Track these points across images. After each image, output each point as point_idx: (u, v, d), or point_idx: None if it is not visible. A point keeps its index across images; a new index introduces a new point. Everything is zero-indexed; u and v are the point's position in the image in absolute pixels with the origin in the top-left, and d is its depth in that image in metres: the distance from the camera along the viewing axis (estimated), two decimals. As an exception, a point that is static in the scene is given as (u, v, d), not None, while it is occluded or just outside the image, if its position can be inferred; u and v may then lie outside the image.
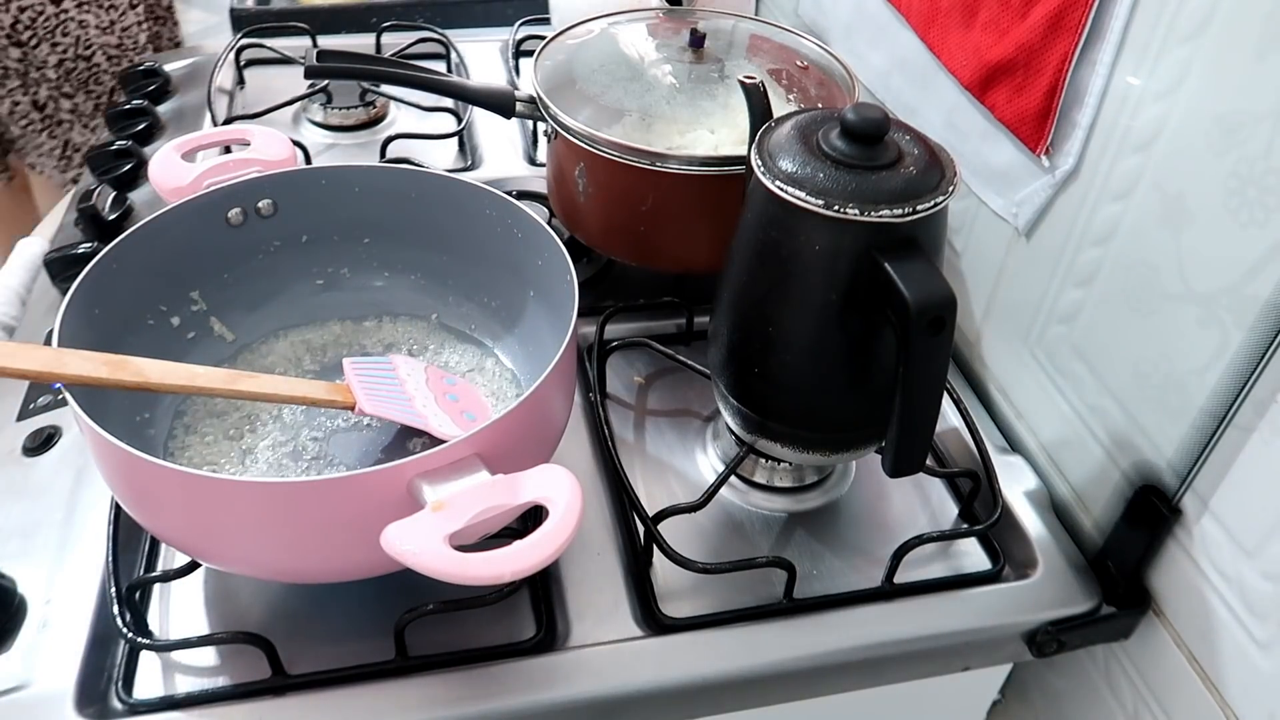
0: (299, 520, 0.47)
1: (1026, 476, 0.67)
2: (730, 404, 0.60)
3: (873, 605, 0.59)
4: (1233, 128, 0.48)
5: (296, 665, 0.53)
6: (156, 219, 0.61)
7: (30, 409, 0.68)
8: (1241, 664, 0.52)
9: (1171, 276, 0.53)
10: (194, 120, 1.00)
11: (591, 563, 0.60)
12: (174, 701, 0.52)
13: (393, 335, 0.71)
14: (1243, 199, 0.48)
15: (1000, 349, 0.71)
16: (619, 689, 0.54)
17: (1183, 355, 0.53)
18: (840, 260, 0.50)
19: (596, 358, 0.72)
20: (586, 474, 0.65)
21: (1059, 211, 0.62)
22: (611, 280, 0.82)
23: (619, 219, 0.74)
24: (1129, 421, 0.58)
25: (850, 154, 0.50)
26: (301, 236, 0.69)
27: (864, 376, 0.55)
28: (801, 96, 0.75)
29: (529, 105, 0.76)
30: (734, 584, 0.59)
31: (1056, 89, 0.59)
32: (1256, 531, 0.50)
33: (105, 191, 0.83)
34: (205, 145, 0.70)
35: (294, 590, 0.58)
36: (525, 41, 1.15)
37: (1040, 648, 0.59)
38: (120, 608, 0.53)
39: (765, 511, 0.65)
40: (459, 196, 0.66)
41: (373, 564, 0.50)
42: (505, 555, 0.42)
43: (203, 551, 0.52)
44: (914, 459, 0.53)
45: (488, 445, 0.48)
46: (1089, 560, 0.62)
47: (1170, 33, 0.52)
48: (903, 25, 0.77)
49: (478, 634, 0.56)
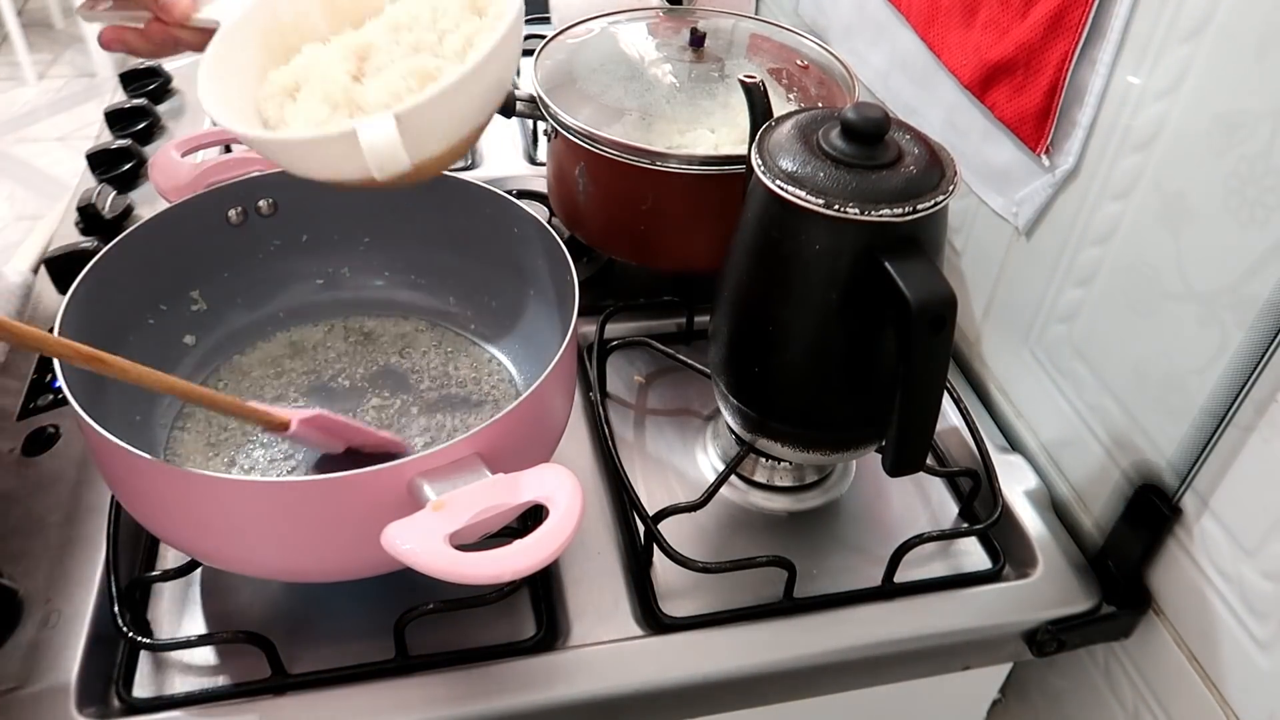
0: (299, 520, 0.47)
1: (1026, 476, 0.67)
2: (730, 403, 0.60)
3: (873, 605, 0.59)
4: (1233, 127, 0.48)
5: (296, 665, 0.53)
6: (157, 218, 0.61)
7: (30, 409, 0.68)
8: (1241, 663, 0.52)
9: (1171, 276, 0.53)
10: (194, 119, 1.00)
11: (591, 562, 0.60)
12: (174, 701, 0.52)
13: (393, 335, 0.71)
14: (1243, 198, 0.48)
15: (1000, 348, 0.71)
16: (619, 688, 0.54)
17: (1183, 355, 0.53)
18: (840, 259, 0.50)
19: (596, 357, 0.72)
20: (587, 473, 0.65)
21: (1059, 211, 0.62)
22: (611, 279, 0.81)
23: (619, 218, 0.74)
24: (1129, 421, 0.58)
25: (850, 153, 0.50)
26: (301, 236, 0.69)
27: (864, 376, 0.55)
28: (801, 96, 0.75)
29: (529, 104, 0.76)
30: (734, 583, 0.59)
31: (1057, 88, 0.59)
32: (1256, 531, 0.50)
33: (105, 191, 0.83)
34: (205, 144, 0.70)
35: (294, 590, 0.58)
36: (525, 41, 1.14)
37: (1040, 647, 0.59)
38: (120, 607, 0.53)
39: (765, 511, 0.65)
40: (459, 196, 0.66)
41: (373, 563, 0.50)
42: (505, 555, 0.42)
43: (203, 551, 0.52)
44: (914, 458, 0.53)
45: (488, 444, 0.48)
46: (1089, 560, 0.62)
47: (1170, 32, 0.52)
48: (903, 24, 0.77)
49: (478, 633, 0.56)
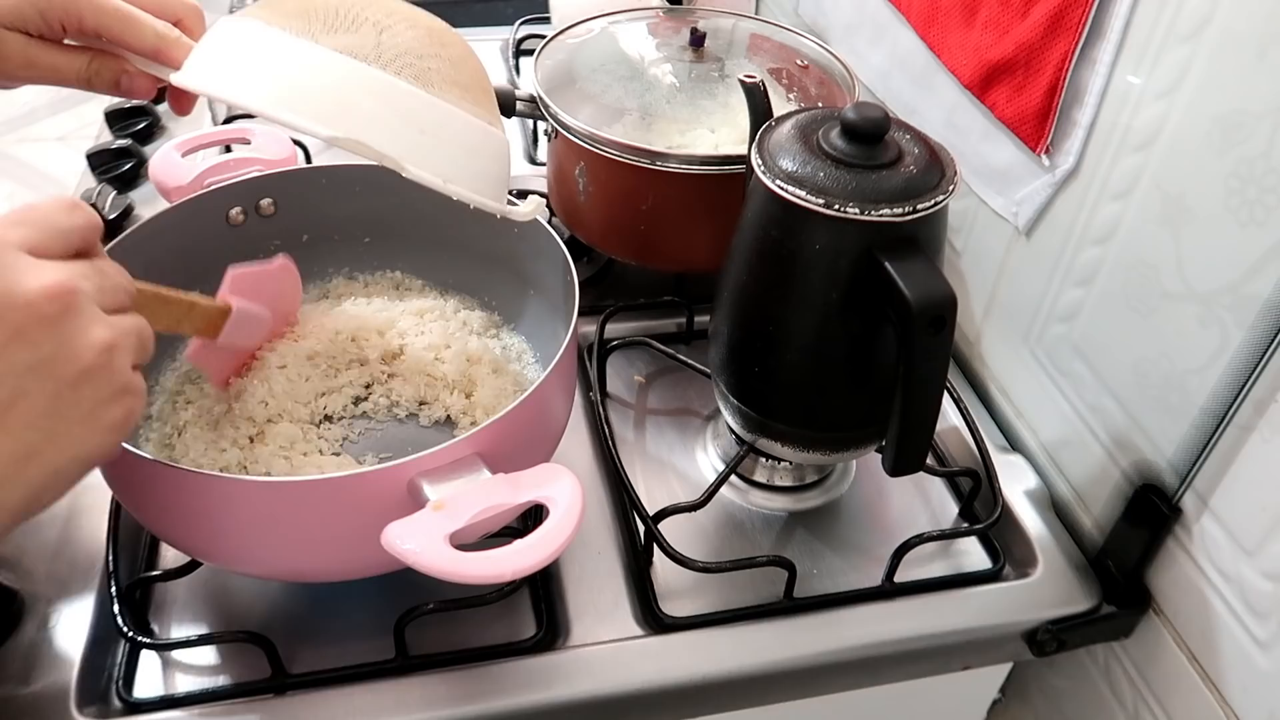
0: (299, 519, 0.47)
1: (1027, 476, 0.67)
2: (730, 403, 0.60)
3: (873, 604, 0.59)
4: (1233, 127, 0.48)
5: (297, 664, 0.53)
6: (157, 218, 0.61)
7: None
8: (1241, 663, 0.52)
9: (1171, 276, 0.53)
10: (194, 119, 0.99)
11: (591, 562, 0.60)
12: (174, 700, 0.52)
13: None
14: (1243, 198, 0.48)
15: (1000, 348, 0.71)
16: (619, 688, 0.54)
17: (1183, 354, 0.53)
18: (840, 259, 0.50)
19: (597, 357, 0.72)
20: (587, 473, 0.65)
21: (1059, 211, 0.62)
22: (612, 279, 0.82)
23: (619, 218, 0.74)
24: (1129, 421, 0.58)
25: (850, 153, 0.50)
26: (302, 236, 0.69)
27: (864, 375, 0.55)
28: (801, 96, 0.75)
29: (529, 104, 0.76)
30: (734, 583, 0.59)
31: (1057, 88, 0.59)
32: (1256, 531, 0.50)
33: (106, 191, 0.83)
34: (206, 144, 0.70)
35: (294, 590, 0.58)
36: (525, 41, 1.15)
37: (1040, 647, 0.59)
38: (120, 607, 0.53)
39: (765, 510, 0.65)
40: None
41: (373, 563, 0.50)
42: (505, 554, 0.42)
43: (203, 551, 0.52)
44: (914, 458, 0.53)
45: (488, 444, 0.48)
46: (1089, 559, 0.62)
47: (1170, 32, 0.52)
48: (903, 24, 0.77)
49: (478, 633, 0.56)
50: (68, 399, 0.35)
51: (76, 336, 0.35)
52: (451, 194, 0.49)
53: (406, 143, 0.47)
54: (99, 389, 0.36)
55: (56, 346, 0.35)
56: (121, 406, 0.37)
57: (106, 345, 0.36)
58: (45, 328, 0.34)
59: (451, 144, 0.49)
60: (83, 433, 0.36)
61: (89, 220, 0.38)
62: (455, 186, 0.49)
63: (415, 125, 0.48)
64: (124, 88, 0.53)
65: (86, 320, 0.36)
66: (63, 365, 0.35)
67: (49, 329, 0.35)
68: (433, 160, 0.48)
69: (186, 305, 0.51)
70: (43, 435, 0.35)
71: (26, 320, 0.34)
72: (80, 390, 0.36)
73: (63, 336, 0.35)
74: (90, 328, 0.36)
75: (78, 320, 0.35)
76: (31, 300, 0.34)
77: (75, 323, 0.35)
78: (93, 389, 0.36)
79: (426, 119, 0.48)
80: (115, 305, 0.38)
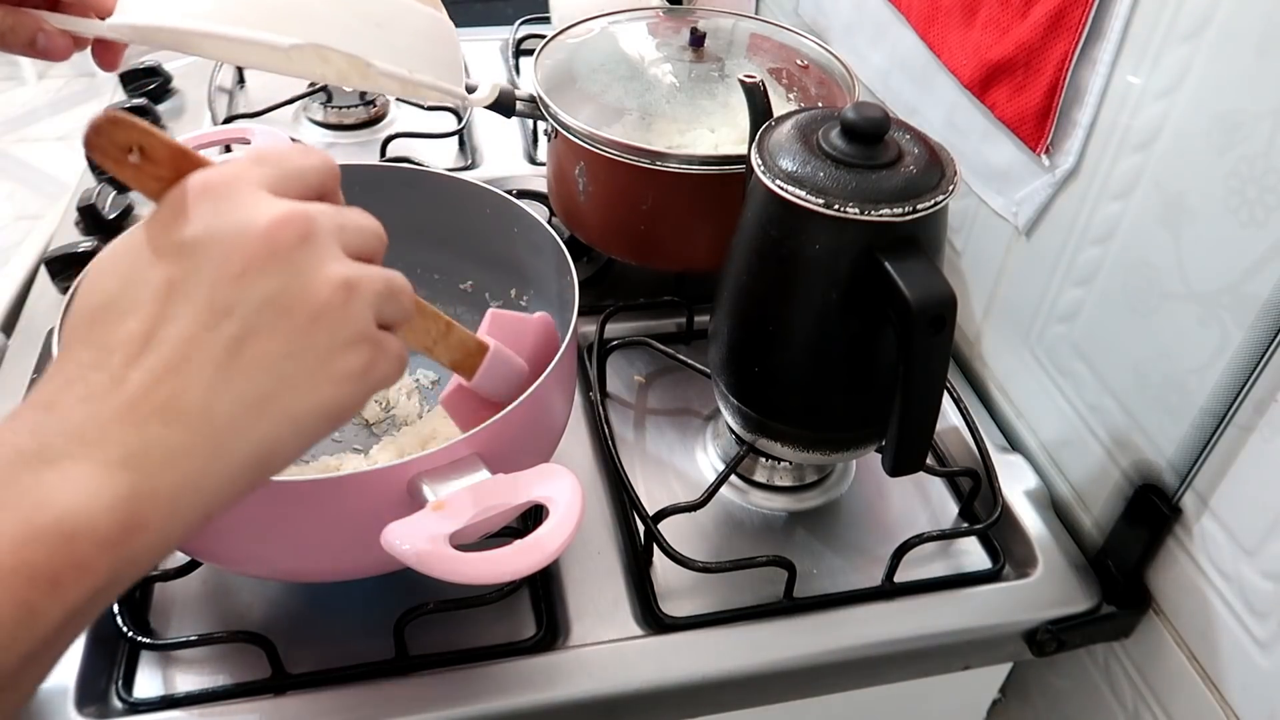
0: (299, 519, 0.47)
1: (1026, 476, 0.67)
2: (730, 403, 0.60)
3: (873, 604, 0.59)
4: (1233, 126, 0.48)
5: (296, 664, 0.53)
6: (156, 218, 0.61)
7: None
8: (1241, 663, 0.52)
9: (1171, 276, 0.53)
10: (194, 119, 1.00)
11: (591, 562, 0.60)
12: (174, 700, 0.52)
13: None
14: (1243, 198, 0.48)
15: (1000, 348, 0.71)
16: (619, 688, 0.54)
17: (1183, 354, 0.53)
18: (840, 259, 0.50)
19: (597, 357, 0.72)
20: (587, 473, 0.65)
21: (1059, 211, 0.62)
22: (611, 279, 0.81)
23: (619, 218, 0.74)
24: (1129, 421, 0.58)
25: (850, 153, 0.50)
26: (301, 235, 0.69)
27: (864, 375, 0.55)
28: (801, 95, 0.75)
29: (529, 104, 0.76)
30: (734, 583, 0.59)
31: (1057, 88, 0.59)
32: (1256, 530, 0.50)
33: (106, 190, 0.83)
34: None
35: (294, 590, 0.58)
36: (525, 41, 1.15)
37: (1040, 647, 0.59)
38: (120, 606, 0.53)
39: (765, 510, 0.65)
40: (459, 195, 0.66)
41: (373, 563, 0.50)
42: (505, 555, 0.42)
43: (203, 551, 0.52)
44: (914, 458, 0.53)
45: (488, 444, 0.48)
46: (1089, 559, 0.62)
47: (1170, 32, 0.52)
48: (903, 24, 0.77)
49: (478, 633, 0.56)
50: (302, 341, 0.32)
51: (311, 269, 0.33)
52: (419, 83, 0.47)
53: (368, 39, 0.45)
54: (335, 332, 0.33)
55: (290, 277, 0.32)
56: (359, 356, 0.34)
57: (343, 282, 0.33)
58: (279, 259, 0.32)
59: (408, 34, 0.47)
60: (320, 380, 0.33)
61: (325, 163, 0.36)
62: (421, 75, 0.47)
63: (372, 20, 0.46)
64: (40, 47, 0.50)
65: (323, 253, 0.33)
66: (297, 300, 0.32)
67: (282, 260, 0.32)
68: (396, 54, 0.46)
69: (444, 323, 0.46)
70: (277, 379, 0.32)
71: (260, 250, 0.32)
72: (315, 332, 0.33)
73: (296, 267, 0.32)
74: (326, 262, 0.33)
75: (313, 251, 0.33)
76: (265, 229, 0.32)
77: (310, 255, 0.33)
78: (328, 331, 0.33)
79: (380, 12, 0.46)
80: (361, 249, 0.35)
